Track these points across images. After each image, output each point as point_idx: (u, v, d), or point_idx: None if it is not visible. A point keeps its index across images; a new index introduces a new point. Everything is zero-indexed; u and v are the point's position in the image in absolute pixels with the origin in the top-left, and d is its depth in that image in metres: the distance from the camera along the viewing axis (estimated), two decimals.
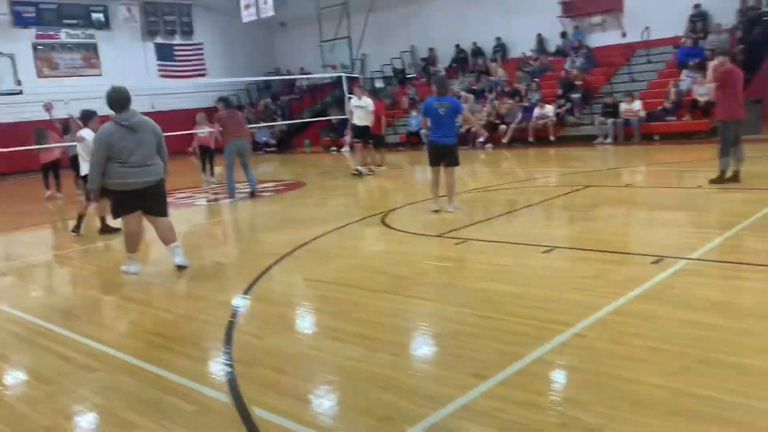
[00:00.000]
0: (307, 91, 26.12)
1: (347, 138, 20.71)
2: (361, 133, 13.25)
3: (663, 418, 2.77)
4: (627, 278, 4.82)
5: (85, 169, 8.05)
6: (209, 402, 3.33)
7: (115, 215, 6.17)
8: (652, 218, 7.32)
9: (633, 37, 18.35)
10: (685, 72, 15.71)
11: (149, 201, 5.95)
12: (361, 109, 13.07)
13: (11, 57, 20.40)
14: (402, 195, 10.69)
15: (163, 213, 6.09)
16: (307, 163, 19.11)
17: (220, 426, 3.07)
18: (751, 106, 12.24)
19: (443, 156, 7.89)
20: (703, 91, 14.41)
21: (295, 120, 23.52)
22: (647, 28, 17.63)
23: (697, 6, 17.33)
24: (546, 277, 5.06)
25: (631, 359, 3.37)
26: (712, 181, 8.35)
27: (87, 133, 8.29)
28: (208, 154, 14.00)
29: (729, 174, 8.30)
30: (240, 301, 5.05)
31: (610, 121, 15.44)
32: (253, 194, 10.98)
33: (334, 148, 20.89)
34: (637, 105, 15.17)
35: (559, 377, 3.33)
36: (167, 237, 6.11)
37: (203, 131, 13.83)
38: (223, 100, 11.50)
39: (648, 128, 15.09)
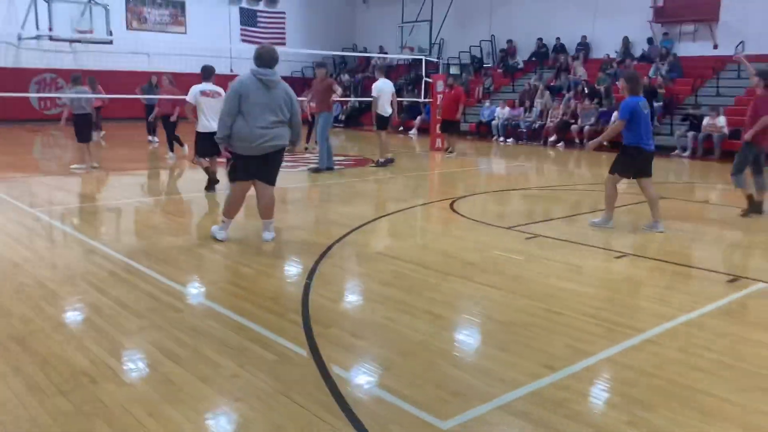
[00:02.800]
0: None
1: (416, 120, 20.81)
2: (380, 120, 12.47)
3: (734, 431, 2.82)
4: (700, 293, 4.81)
5: None
6: (290, 354, 3.53)
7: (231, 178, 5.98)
8: (727, 237, 7.17)
9: (724, 49, 17.71)
10: None
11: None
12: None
13: (105, 7, 21.15)
14: (469, 183, 10.73)
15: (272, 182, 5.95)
16: (374, 141, 19.23)
17: (300, 377, 3.25)
18: None
19: (647, 166, 6.93)
20: None
21: (366, 98, 23.65)
22: (741, 42, 17.00)
23: None
24: (618, 281, 5.07)
25: (702, 371, 3.40)
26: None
27: None
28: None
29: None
30: (315, 265, 5.25)
31: (690, 134, 15.01)
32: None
33: (401, 129, 20.97)
34: (721, 120, 14.69)
35: (627, 378, 3.38)
36: (265, 212, 6.01)
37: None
38: (323, 65, 11.23)
39: (730, 145, 14.61)
